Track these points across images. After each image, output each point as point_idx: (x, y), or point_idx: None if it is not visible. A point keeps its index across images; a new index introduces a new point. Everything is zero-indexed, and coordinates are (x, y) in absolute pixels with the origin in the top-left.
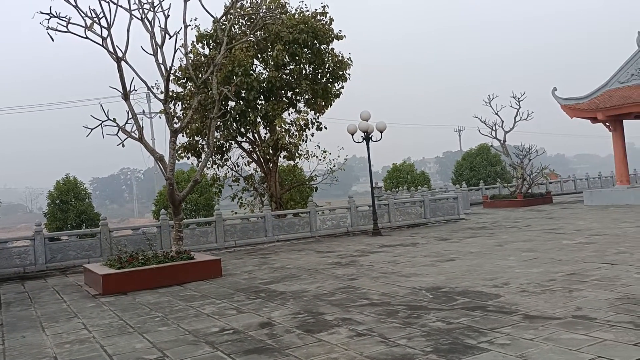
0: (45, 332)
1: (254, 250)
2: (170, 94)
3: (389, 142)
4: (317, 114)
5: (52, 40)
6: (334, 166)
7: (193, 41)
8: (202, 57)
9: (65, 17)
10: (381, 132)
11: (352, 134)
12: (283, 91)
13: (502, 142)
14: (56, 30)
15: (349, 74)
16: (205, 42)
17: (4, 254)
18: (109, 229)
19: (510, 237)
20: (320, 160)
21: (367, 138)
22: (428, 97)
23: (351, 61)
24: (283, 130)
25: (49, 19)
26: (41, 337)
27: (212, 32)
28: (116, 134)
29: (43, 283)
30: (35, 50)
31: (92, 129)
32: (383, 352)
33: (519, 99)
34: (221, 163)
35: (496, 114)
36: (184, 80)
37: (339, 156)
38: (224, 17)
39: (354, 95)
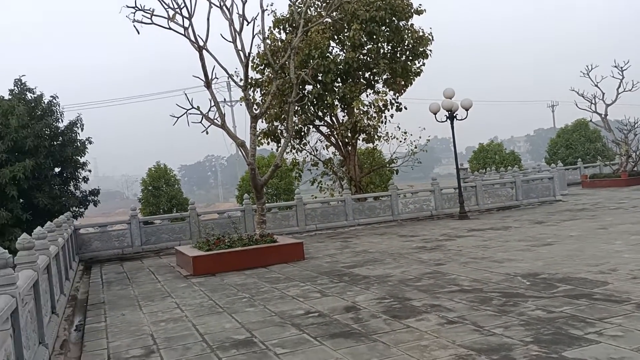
0: (142, 310)
1: (334, 234)
2: (250, 80)
3: (474, 121)
4: (397, 94)
5: (138, 33)
6: (415, 148)
7: (270, 26)
8: (279, 42)
9: (149, 10)
10: (467, 110)
11: (435, 113)
12: (360, 72)
13: (603, 116)
14: (141, 22)
15: (430, 51)
16: (281, 27)
17: (105, 237)
18: (197, 213)
19: (616, 219)
20: (400, 142)
21: (452, 117)
22: (516, 72)
23: (432, 37)
24: (361, 112)
25: (134, 12)
26: (139, 315)
27: (288, 16)
28: (200, 122)
29: (139, 264)
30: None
31: (178, 118)
32: (477, 341)
33: (621, 68)
34: (300, 147)
35: (596, 85)
36: (262, 67)
37: (420, 137)
38: (299, 0)
39: (435, 73)
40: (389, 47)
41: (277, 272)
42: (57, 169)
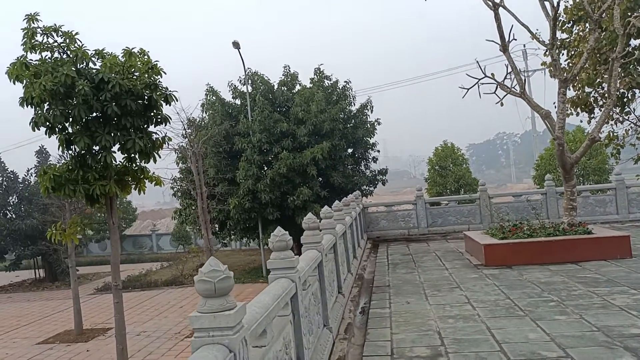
0: (428, 300)
1: None
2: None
3: None
4: None
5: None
6: None
7: None
8: None
9: None
10: None
11: None
12: None
13: None
14: None
15: None
16: None
17: (391, 216)
18: (488, 195)
19: None
20: None
21: None
22: None
23: None
24: None
25: None
26: (424, 307)
27: None
28: (494, 92)
29: (425, 247)
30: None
31: (468, 89)
32: None
33: None
34: (621, 117)
35: None
36: (569, 24)
37: None
38: None
39: None
40: None
41: (594, 271)
42: (349, 150)
